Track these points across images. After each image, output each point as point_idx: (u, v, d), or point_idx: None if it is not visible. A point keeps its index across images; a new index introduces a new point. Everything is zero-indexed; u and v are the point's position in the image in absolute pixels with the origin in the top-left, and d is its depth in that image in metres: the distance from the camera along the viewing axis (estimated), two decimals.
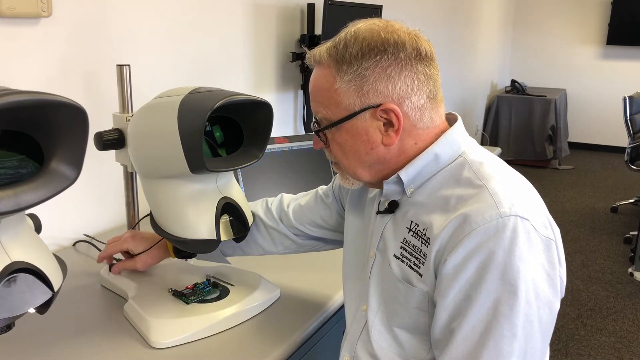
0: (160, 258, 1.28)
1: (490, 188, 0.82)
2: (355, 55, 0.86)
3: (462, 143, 0.91)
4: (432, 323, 0.84)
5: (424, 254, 0.85)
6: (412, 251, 0.88)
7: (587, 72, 6.75)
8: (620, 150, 5.94)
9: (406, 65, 0.85)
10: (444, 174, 0.89)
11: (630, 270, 3.50)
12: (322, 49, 0.90)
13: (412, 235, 0.88)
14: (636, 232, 3.57)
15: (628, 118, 4.22)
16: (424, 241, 0.86)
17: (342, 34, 0.89)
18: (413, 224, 0.89)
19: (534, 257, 0.78)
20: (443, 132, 0.91)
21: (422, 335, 0.88)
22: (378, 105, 0.86)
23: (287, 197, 1.25)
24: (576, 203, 4.86)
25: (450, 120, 0.94)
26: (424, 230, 0.86)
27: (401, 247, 0.90)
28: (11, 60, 1.37)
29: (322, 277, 1.32)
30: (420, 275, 0.86)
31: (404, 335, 0.91)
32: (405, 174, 0.90)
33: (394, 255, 0.91)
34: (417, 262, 0.87)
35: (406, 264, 0.89)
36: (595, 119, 6.78)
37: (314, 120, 0.94)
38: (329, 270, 1.32)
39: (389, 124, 0.87)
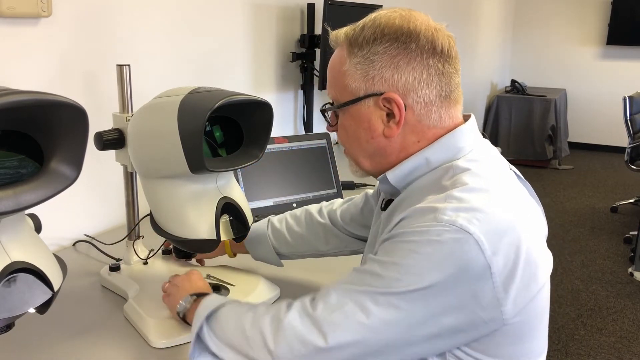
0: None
1: (449, 194, 0.79)
2: (368, 40, 0.85)
3: (463, 148, 0.87)
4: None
5: None
6: None
7: (587, 72, 6.76)
8: (620, 150, 5.94)
9: (416, 57, 0.84)
10: (430, 176, 0.87)
11: (630, 270, 3.51)
12: (342, 30, 0.90)
13: None
14: (636, 232, 3.57)
15: (628, 118, 4.23)
16: None
17: (364, 18, 0.89)
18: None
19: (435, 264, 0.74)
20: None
21: None
22: (381, 94, 0.85)
23: (339, 200, 1.28)
24: (576, 203, 4.86)
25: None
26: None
27: None
28: (11, 60, 1.37)
29: (322, 277, 1.32)
30: None
31: None
32: (392, 175, 0.89)
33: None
34: None
35: None
36: (595, 119, 6.78)
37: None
38: (329, 270, 1.32)
39: (391, 114, 0.86)
